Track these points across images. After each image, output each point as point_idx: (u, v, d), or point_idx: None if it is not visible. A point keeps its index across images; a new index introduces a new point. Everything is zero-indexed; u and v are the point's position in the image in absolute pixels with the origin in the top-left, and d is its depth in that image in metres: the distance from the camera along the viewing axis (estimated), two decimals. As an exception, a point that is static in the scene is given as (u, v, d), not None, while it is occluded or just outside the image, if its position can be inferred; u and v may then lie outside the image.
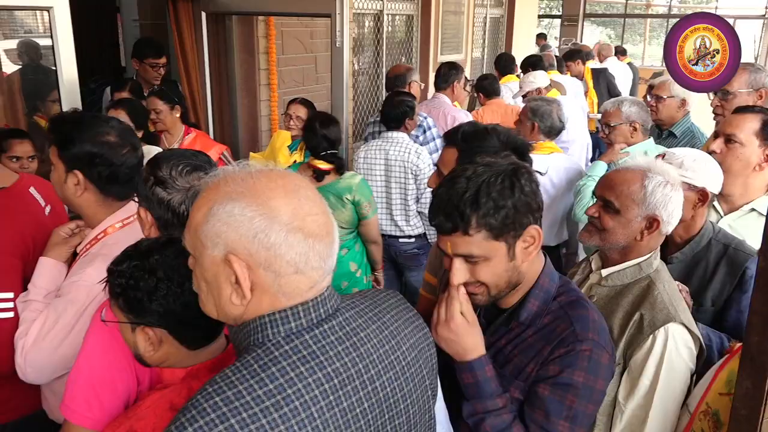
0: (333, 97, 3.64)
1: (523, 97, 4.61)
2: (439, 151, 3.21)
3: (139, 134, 2.94)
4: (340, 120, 3.67)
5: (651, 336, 1.48)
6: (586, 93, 6.32)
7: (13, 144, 2.76)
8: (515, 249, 1.26)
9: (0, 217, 1.69)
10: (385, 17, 5.56)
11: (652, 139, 3.07)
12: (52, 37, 3.14)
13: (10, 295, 1.66)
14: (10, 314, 1.67)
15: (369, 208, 3.00)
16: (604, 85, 6.58)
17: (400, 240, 3.40)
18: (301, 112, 3.62)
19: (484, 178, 1.22)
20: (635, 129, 2.97)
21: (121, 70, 6.36)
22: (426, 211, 2.89)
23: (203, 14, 3.96)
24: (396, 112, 3.33)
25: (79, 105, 3.27)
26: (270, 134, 4.35)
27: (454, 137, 1.73)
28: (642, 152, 2.22)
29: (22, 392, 1.74)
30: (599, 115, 3.27)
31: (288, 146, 3.71)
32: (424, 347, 1.13)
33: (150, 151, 2.20)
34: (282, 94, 4.29)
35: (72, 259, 1.74)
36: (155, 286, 1.17)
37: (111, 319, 1.24)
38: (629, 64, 8.78)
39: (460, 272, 1.26)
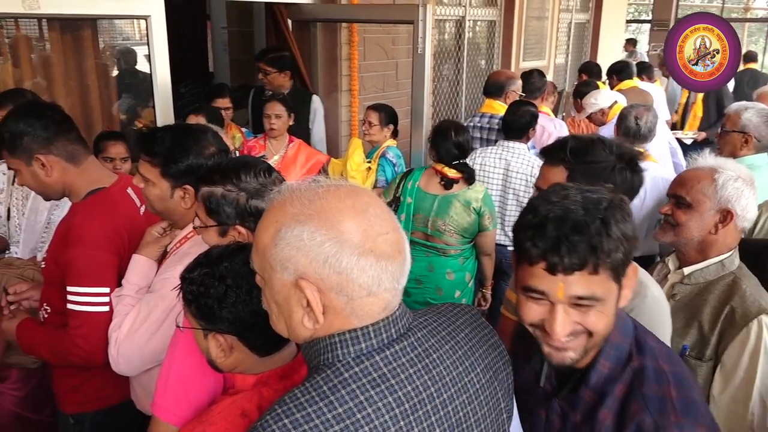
0: (413, 103, 3.63)
1: (588, 118, 4.43)
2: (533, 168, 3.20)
3: None
4: (419, 126, 3.67)
5: (745, 328, 1.46)
6: (690, 105, 5.24)
7: (108, 145, 2.90)
8: (622, 291, 1.06)
9: (99, 215, 1.77)
10: (467, 23, 5.50)
11: (766, 155, 2.78)
12: (148, 44, 3.30)
13: (106, 290, 1.74)
14: (106, 308, 1.74)
15: (490, 220, 3.01)
16: (713, 98, 5.14)
17: (508, 248, 3.36)
18: (373, 117, 3.64)
19: (603, 205, 1.01)
20: (746, 141, 2.73)
21: (210, 76, 6.61)
22: None
23: (290, 21, 4.06)
24: (521, 121, 3.30)
25: (171, 109, 3.43)
26: (349, 140, 4.39)
27: (559, 154, 1.52)
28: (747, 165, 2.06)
29: (113, 382, 1.82)
30: (692, 135, 3.07)
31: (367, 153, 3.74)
32: (499, 367, 1.09)
33: None
34: (362, 100, 4.32)
35: (163, 256, 1.82)
36: (224, 293, 1.18)
37: (186, 325, 1.26)
38: (750, 70, 7.24)
39: (566, 321, 1.03)
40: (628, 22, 13.00)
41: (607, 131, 3.73)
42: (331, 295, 0.91)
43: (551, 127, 4.03)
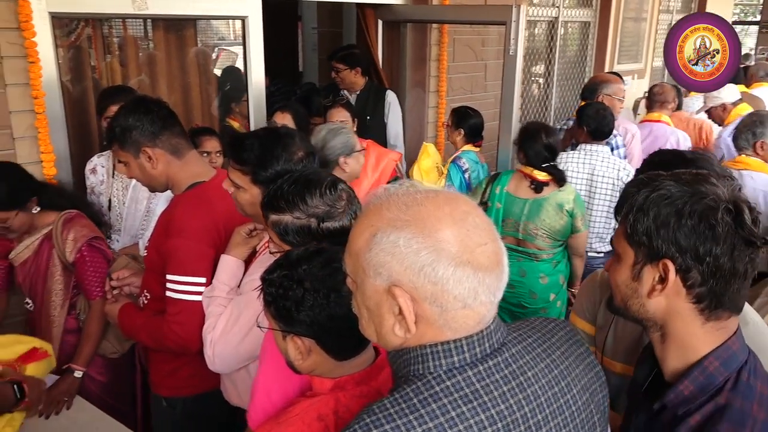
0: (502, 105, 3.55)
1: (707, 112, 4.17)
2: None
3: None
4: (508, 129, 3.59)
5: None
6: None
7: (203, 140, 3.01)
8: (643, 272, 1.08)
9: (199, 208, 1.83)
10: (560, 24, 5.34)
11: None
12: (244, 44, 3.41)
13: (203, 279, 1.80)
14: (201, 297, 1.81)
15: (582, 221, 2.96)
16: None
17: (589, 254, 3.28)
18: (450, 118, 3.61)
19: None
20: None
21: (299, 75, 6.78)
22: None
23: (380, 22, 4.08)
24: (609, 125, 3.24)
25: (264, 107, 3.53)
26: (435, 141, 4.36)
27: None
28: None
29: (204, 371, 1.87)
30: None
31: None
32: (596, 389, 1.03)
33: None
34: (449, 102, 4.28)
35: (251, 256, 1.85)
36: (302, 296, 1.18)
37: (266, 326, 1.27)
38: None
39: None
40: (734, 23, 12.21)
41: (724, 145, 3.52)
42: (424, 305, 0.88)
43: (634, 129, 3.87)
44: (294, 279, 1.19)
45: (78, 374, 2.19)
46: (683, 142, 3.92)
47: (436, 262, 0.86)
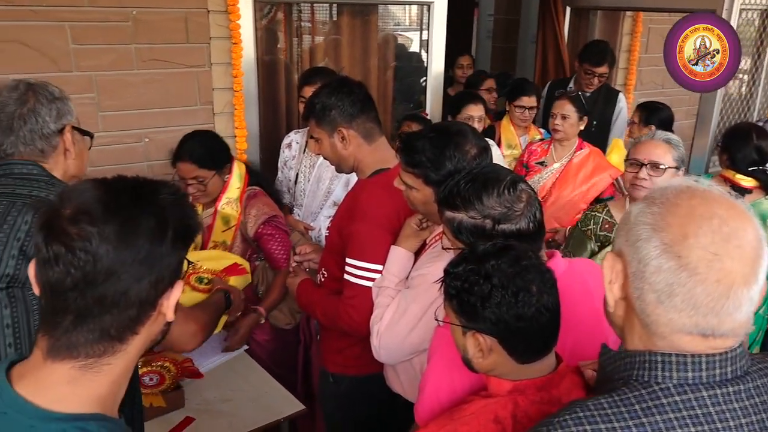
0: (701, 103, 3.22)
1: None
2: None
3: None
4: (706, 130, 3.24)
5: None
6: None
7: (404, 127, 3.02)
8: None
9: (382, 194, 1.84)
10: (774, 14, 4.69)
11: None
12: (428, 30, 3.40)
13: (381, 267, 1.81)
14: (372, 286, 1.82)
15: None
16: None
17: None
18: (638, 116, 3.29)
19: None
20: None
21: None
22: None
23: (568, 9, 3.86)
24: None
25: (440, 96, 3.50)
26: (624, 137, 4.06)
27: None
28: None
29: (370, 353, 1.90)
30: None
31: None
32: None
33: None
34: (637, 96, 3.96)
35: (420, 248, 1.83)
36: (489, 292, 1.14)
37: (444, 320, 1.24)
38: None
39: None
40: None
41: None
42: (627, 284, 0.87)
43: None
44: (481, 274, 1.16)
45: (260, 317, 2.40)
46: None
47: (647, 240, 0.84)
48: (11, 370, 0.87)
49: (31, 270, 0.86)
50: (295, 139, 2.94)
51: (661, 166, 2.07)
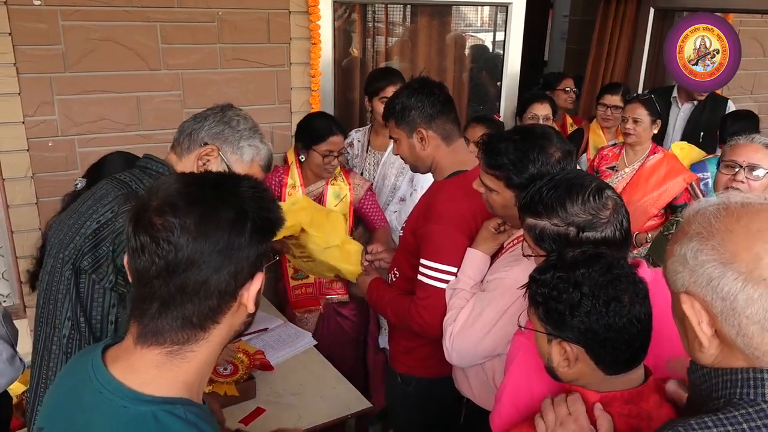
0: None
1: None
2: None
3: None
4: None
5: None
6: None
7: (471, 129, 2.98)
8: None
9: (460, 196, 1.83)
10: None
11: None
12: (504, 32, 3.36)
13: (455, 270, 1.80)
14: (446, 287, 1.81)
15: None
16: None
17: None
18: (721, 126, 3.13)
19: None
20: None
21: (543, 64, 6.56)
22: None
23: (651, 11, 3.72)
24: None
25: (515, 98, 3.45)
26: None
27: None
28: None
29: (439, 354, 1.87)
30: None
31: None
32: None
33: None
34: (723, 102, 3.77)
35: (497, 251, 1.80)
36: (579, 301, 1.11)
37: (529, 326, 1.22)
38: None
39: None
40: None
41: None
42: (717, 322, 0.85)
43: None
44: (570, 282, 1.14)
45: None
46: None
47: (722, 276, 0.82)
48: (106, 352, 0.92)
49: (126, 259, 0.91)
50: (356, 137, 2.97)
51: (760, 170, 1.99)
